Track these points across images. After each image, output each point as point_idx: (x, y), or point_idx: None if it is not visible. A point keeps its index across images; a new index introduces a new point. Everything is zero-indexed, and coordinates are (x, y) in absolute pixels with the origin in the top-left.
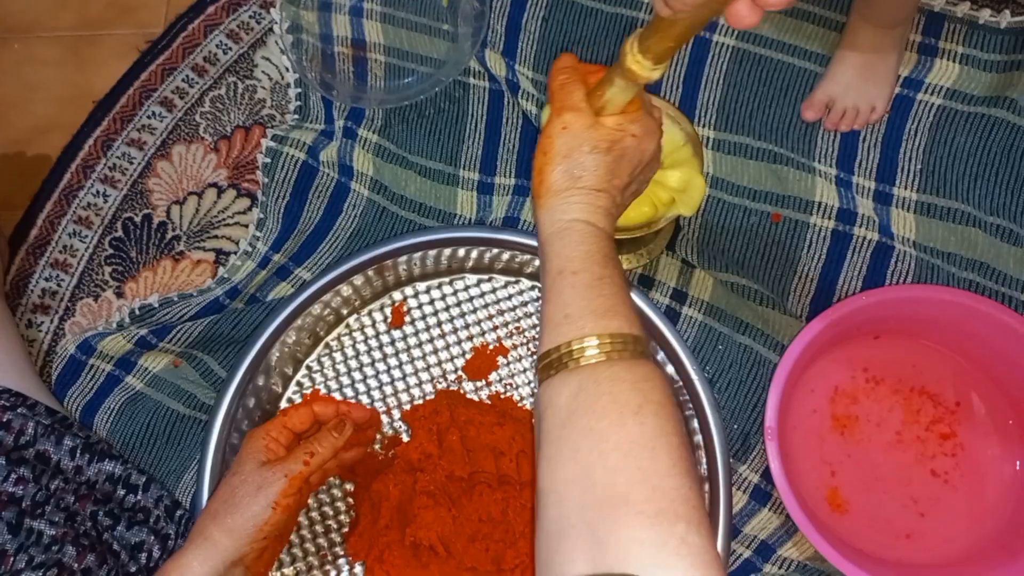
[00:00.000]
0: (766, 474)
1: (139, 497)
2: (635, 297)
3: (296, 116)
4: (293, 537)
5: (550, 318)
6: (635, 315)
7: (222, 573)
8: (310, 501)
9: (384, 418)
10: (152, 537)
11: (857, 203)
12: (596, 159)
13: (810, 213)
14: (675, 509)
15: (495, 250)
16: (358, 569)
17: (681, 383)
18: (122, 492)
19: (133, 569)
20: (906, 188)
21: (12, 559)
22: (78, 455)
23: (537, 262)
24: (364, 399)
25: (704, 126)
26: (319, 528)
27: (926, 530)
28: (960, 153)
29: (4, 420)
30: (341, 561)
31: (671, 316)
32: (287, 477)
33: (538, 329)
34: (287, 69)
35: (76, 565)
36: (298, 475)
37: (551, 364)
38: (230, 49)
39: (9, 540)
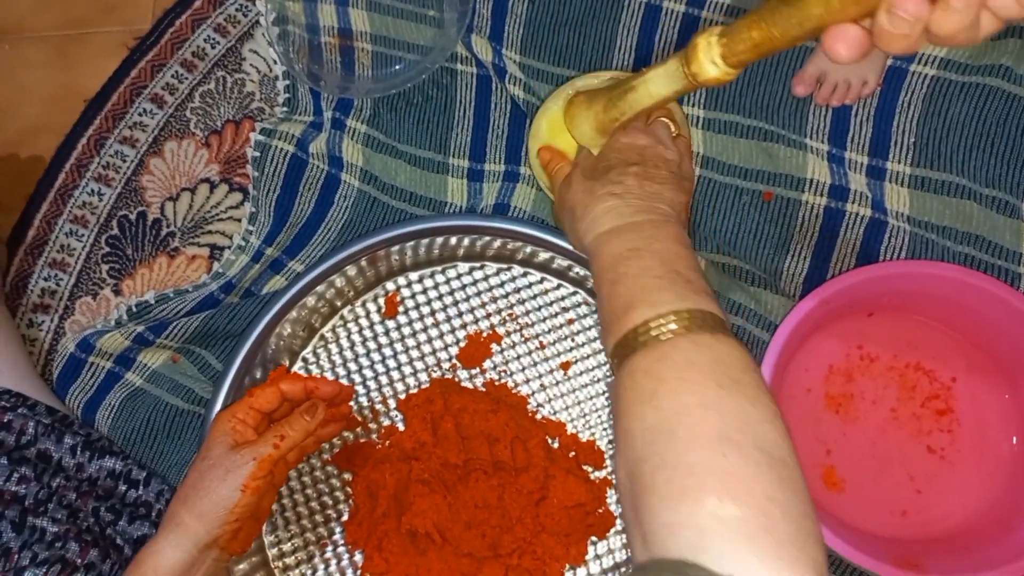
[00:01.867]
0: None
1: (140, 492)
2: None
3: (285, 109)
4: (293, 527)
5: (626, 305)
6: (712, 294)
7: (195, 556)
8: (308, 491)
9: (379, 407)
10: (155, 531)
11: (850, 179)
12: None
13: (802, 190)
14: (702, 485)
15: (486, 237)
16: (357, 557)
17: None
18: (123, 488)
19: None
20: (900, 162)
21: (16, 556)
22: (79, 453)
23: (528, 248)
24: (359, 389)
25: (693, 105)
26: (318, 517)
27: (922, 507)
28: (955, 124)
29: (5, 420)
30: (341, 549)
31: None
32: (256, 460)
33: (533, 316)
34: (275, 62)
35: (79, 560)
36: (267, 458)
37: (627, 348)
38: (218, 43)
39: (13, 538)
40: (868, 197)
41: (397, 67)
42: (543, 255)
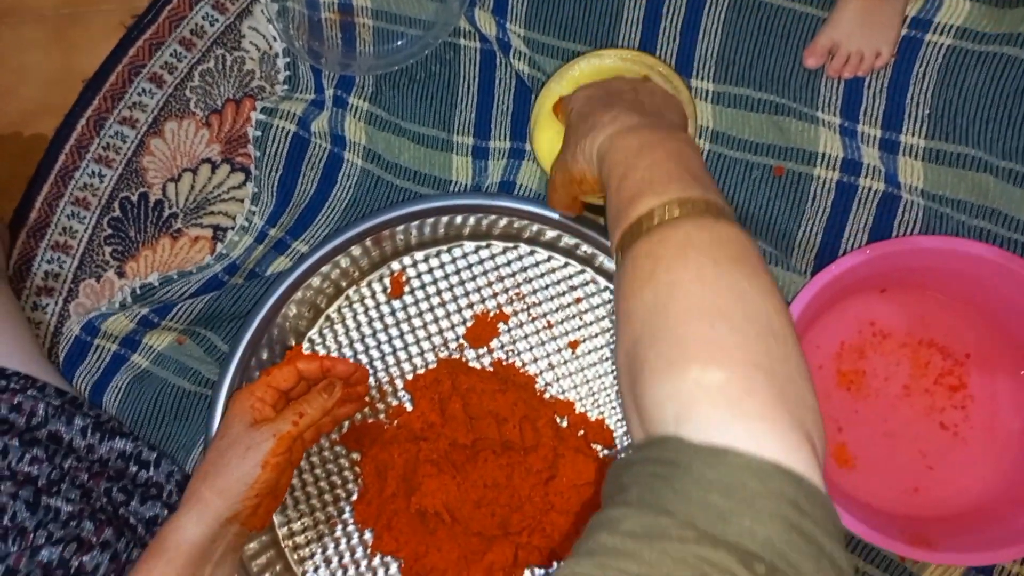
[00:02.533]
0: None
1: (151, 473)
2: None
3: (285, 87)
4: (303, 506)
5: (627, 200)
6: (717, 189)
7: (216, 531)
8: (317, 471)
9: (387, 388)
10: (166, 511)
11: (862, 152)
12: (588, 111)
13: (814, 165)
14: (686, 354)
15: (492, 216)
16: (367, 536)
17: None
18: (134, 468)
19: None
20: (913, 135)
21: (32, 535)
22: (89, 434)
23: (535, 227)
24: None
25: (703, 79)
26: (328, 497)
27: (934, 484)
28: (971, 95)
29: (15, 403)
30: (351, 528)
31: None
32: (275, 436)
33: (540, 295)
34: (274, 39)
35: (95, 539)
36: (287, 435)
37: (629, 239)
38: (216, 20)
39: (28, 517)
40: (881, 171)
41: (399, 43)
42: (550, 233)
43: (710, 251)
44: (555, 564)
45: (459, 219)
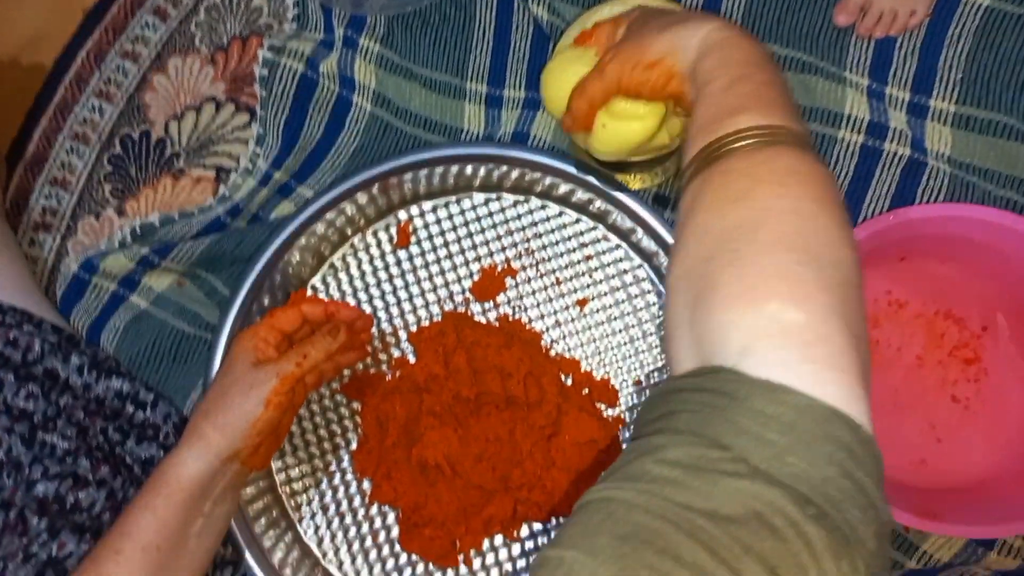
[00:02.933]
0: None
1: (148, 414)
2: (649, 217)
3: (294, 25)
4: (301, 453)
5: (697, 128)
6: (798, 113)
7: (216, 468)
8: (317, 419)
9: (390, 340)
10: (162, 452)
11: (889, 116)
12: (656, 19)
13: (838, 127)
14: (768, 286)
15: (504, 167)
16: (366, 485)
17: None
18: (131, 409)
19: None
20: (944, 99)
21: (28, 470)
22: (86, 372)
23: (548, 180)
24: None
25: None
26: (327, 445)
27: (942, 456)
28: (1006, 60)
29: (11, 338)
30: (349, 477)
31: None
32: (279, 376)
33: (549, 251)
34: None
35: (91, 476)
36: (290, 375)
37: (695, 172)
38: None
39: (24, 452)
40: (908, 136)
41: None
42: (563, 187)
43: (811, 187)
44: (554, 520)
45: (469, 169)
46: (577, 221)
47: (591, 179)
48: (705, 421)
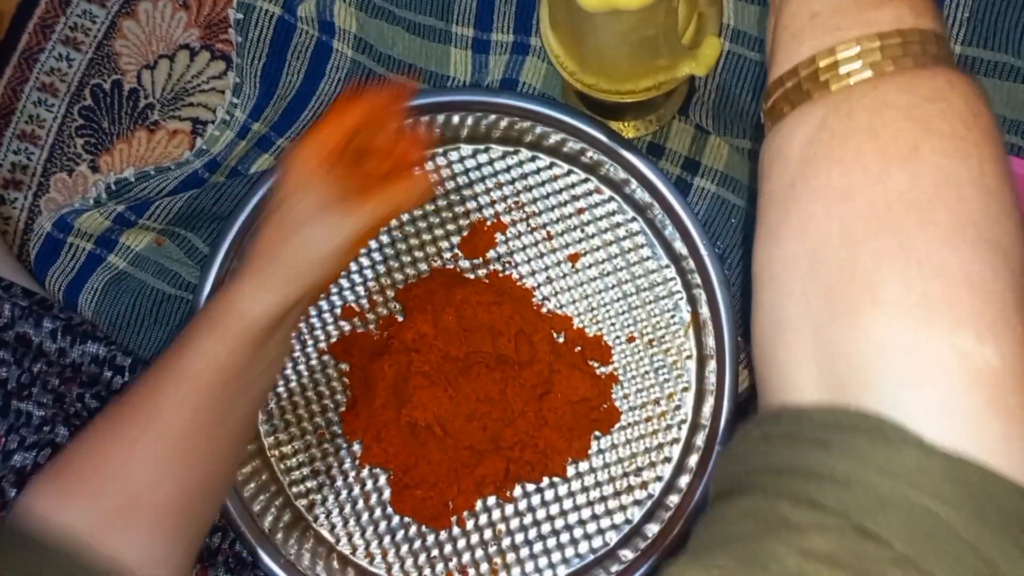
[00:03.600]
0: None
1: (126, 379)
2: (643, 167)
3: None
4: (289, 416)
5: (784, 27)
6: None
7: (285, 308)
8: (305, 380)
9: (377, 298)
10: None
11: None
12: None
13: None
14: (954, 301)
15: (492, 116)
16: (356, 448)
17: (690, 258)
18: (108, 374)
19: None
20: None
21: (4, 440)
22: (59, 337)
23: (538, 129)
24: (356, 278)
25: None
26: (315, 407)
27: None
28: None
29: None
30: (339, 440)
31: (682, 187)
32: (371, 216)
33: (540, 205)
34: None
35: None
36: (379, 217)
37: (785, 97)
38: None
39: None
40: None
41: None
42: (554, 137)
43: (993, 143)
44: (545, 479)
45: (456, 119)
46: (568, 173)
47: (583, 126)
48: (855, 495)
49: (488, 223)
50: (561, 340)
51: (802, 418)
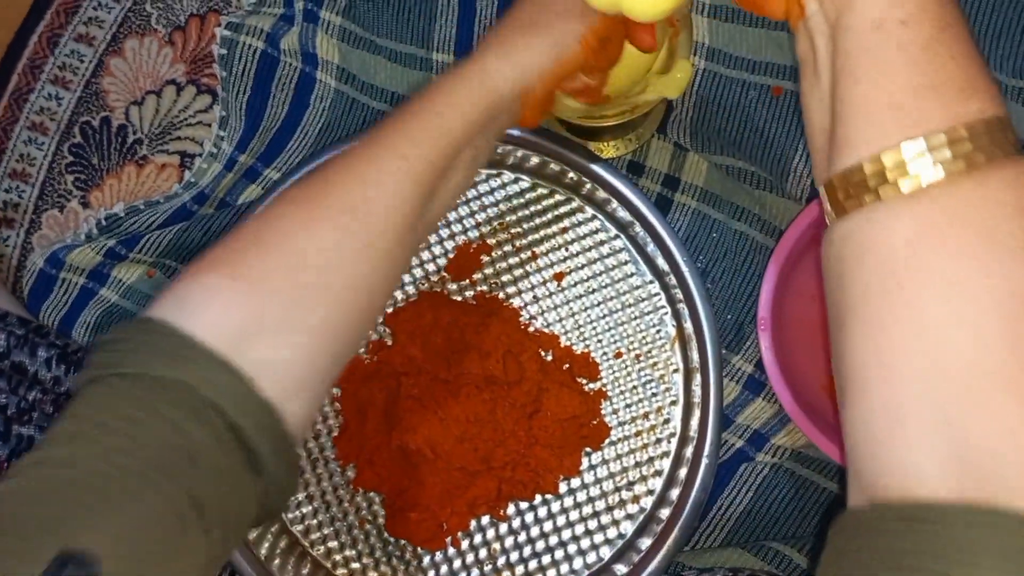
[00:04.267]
0: (760, 364)
1: None
2: (622, 187)
3: (252, 0)
4: None
5: (860, 107)
6: (995, 83)
7: (506, 94)
8: None
9: None
10: None
11: None
12: None
13: None
14: None
15: None
16: (350, 472)
17: (672, 274)
18: None
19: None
20: None
21: (5, 464)
22: (54, 365)
23: (520, 152)
24: None
25: None
26: (309, 433)
27: None
28: (985, 6)
29: None
30: (332, 465)
31: (663, 204)
32: (597, 15)
33: (525, 225)
34: None
35: None
36: (606, 20)
37: (861, 187)
38: None
39: (0, 446)
40: None
41: None
42: (535, 159)
43: None
44: (538, 497)
45: None
46: (551, 193)
47: (562, 149)
48: None
49: (473, 245)
50: (549, 358)
51: (942, 517)
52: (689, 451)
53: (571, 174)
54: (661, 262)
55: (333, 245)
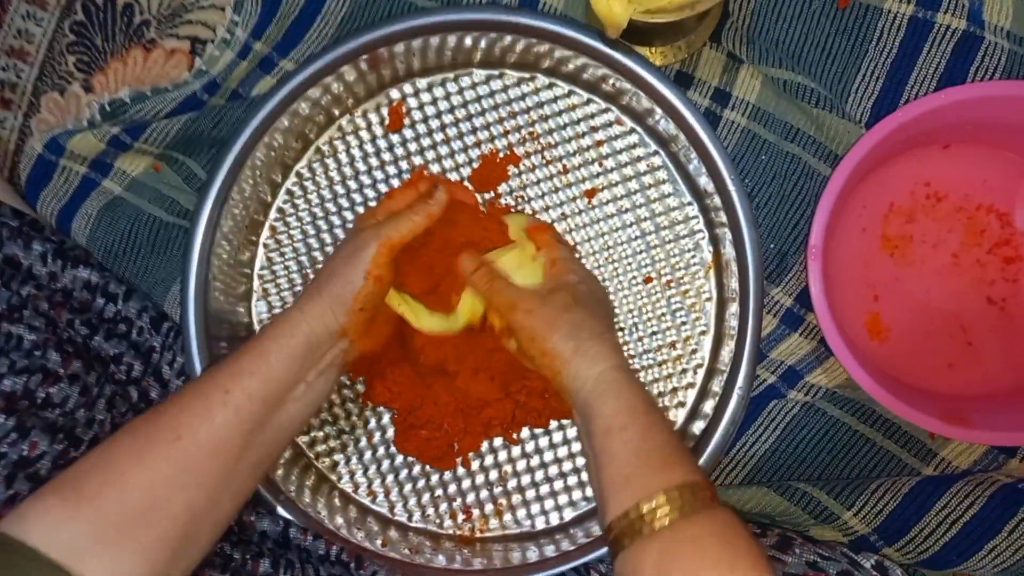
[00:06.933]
0: (800, 297)
1: (119, 307)
2: (670, 94)
3: None
4: None
5: (609, 483)
6: (692, 456)
7: (325, 340)
8: None
9: None
10: (132, 350)
11: None
12: (580, 311)
13: None
14: None
15: (508, 39)
16: (359, 387)
17: (715, 195)
18: (101, 301)
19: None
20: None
21: None
22: (50, 261)
23: (557, 53)
24: (360, 209)
25: None
26: None
27: (971, 361)
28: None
29: None
30: (341, 378)
31: (711, 120)
32: (378, 242)
33: (556, 136)
34: None
35: (61, 371)
36: (388, 241)
37: (623, 533)
38: None
39: None
40: (964, 7)
41: None
42: (574, 62)
43: (759, 553)
44: (553, 423)
45: (468, 41)
46: (588, 102)
47: (606, 50)
48: None
49: (500, 155)
50: None
51: None
52: (716, 384)
53: (612, 80)
54: (704, 181)
55: (160, 471)
